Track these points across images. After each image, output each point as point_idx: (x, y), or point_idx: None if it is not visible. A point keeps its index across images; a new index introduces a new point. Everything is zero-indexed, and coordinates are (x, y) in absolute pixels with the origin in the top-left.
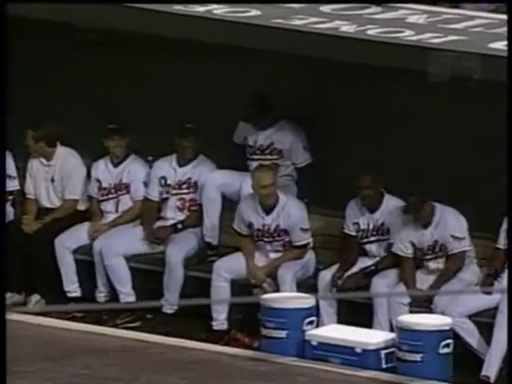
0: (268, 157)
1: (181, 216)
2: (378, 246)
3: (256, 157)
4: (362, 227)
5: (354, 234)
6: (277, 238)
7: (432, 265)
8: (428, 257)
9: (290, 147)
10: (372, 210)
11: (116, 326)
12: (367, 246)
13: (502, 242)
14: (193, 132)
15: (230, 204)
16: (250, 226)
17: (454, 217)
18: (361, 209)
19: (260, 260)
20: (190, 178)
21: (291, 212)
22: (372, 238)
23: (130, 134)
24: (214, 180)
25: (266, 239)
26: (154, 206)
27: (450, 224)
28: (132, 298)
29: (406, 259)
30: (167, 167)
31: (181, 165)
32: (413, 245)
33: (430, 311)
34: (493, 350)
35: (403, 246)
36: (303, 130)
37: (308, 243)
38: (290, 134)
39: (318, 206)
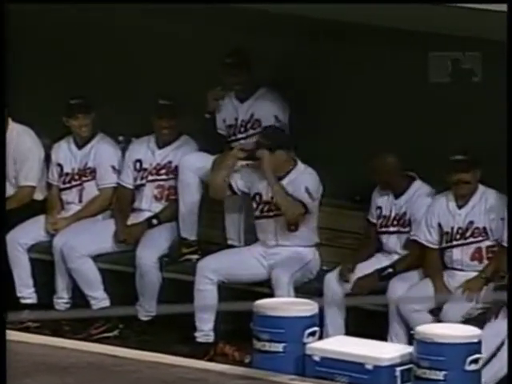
0: (250, 132)
1: (158, 207)
2: (397, 240)
3: (240, 135)
4: (383, 213)
5: (374, 221)
6: (276, 212)
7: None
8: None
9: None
10: (397, 195)
11: (91, 336)
12: (384, 238)
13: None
14: (171, 109)
15: None
16: (255, 197)
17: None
18: (386, 191)
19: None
20: (170, 162)
21: (301, 184)
22: (391, 229)
23: (95, 110)
24: (190, 163)
25: (271, 213)
26: (128, 195)
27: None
28: (106, 303)
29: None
30: (144, 149)
31: (160, 146)
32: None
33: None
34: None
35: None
36: (287, 102)
37: (307, 211)
38: (271, 102)
39: (322, 196)
